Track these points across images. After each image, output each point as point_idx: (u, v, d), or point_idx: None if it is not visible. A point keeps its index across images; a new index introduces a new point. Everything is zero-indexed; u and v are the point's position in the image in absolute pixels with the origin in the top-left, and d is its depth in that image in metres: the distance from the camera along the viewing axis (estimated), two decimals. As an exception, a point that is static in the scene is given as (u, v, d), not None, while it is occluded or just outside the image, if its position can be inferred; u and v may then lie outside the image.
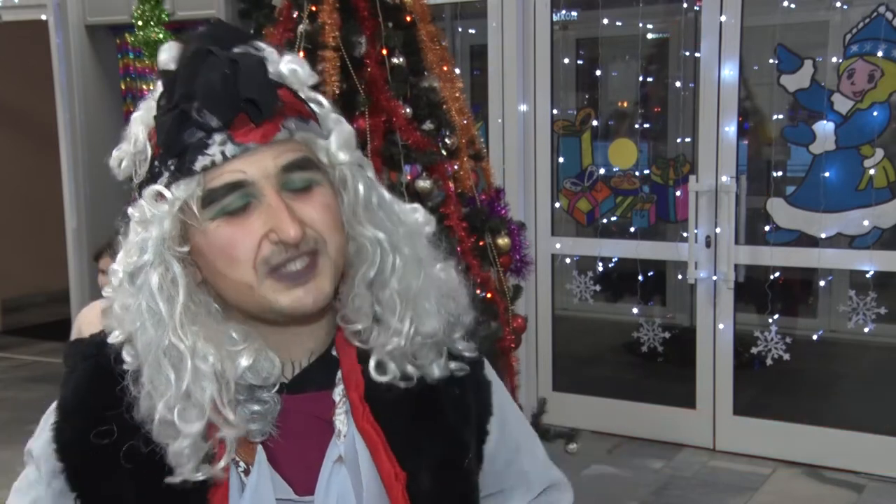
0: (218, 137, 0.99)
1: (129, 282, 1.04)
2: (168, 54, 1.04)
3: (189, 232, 1.03)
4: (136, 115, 1.08)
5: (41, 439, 1.12)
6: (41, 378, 5.99)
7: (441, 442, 1.14)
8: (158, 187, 1.01)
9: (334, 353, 1.12)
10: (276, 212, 1.00)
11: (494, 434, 1.21)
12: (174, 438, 1.02)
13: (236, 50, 1.02)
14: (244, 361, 1.04)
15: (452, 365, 1.14)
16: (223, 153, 0.99)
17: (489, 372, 1.24)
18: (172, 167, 1.01)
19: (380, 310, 1.09)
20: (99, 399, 1.06)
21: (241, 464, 1.07)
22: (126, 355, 1.05)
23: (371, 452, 1.08)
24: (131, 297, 1.05)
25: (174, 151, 1.00)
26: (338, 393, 1.11)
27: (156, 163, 1.03)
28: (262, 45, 1.06)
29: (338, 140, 1.08)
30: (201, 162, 0.99)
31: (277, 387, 1.07)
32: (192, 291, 1.05)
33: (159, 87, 1.04)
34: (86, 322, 3.23)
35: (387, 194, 1.14)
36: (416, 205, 1.17)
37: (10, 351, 6.88)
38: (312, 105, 1.09)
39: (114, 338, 1.07)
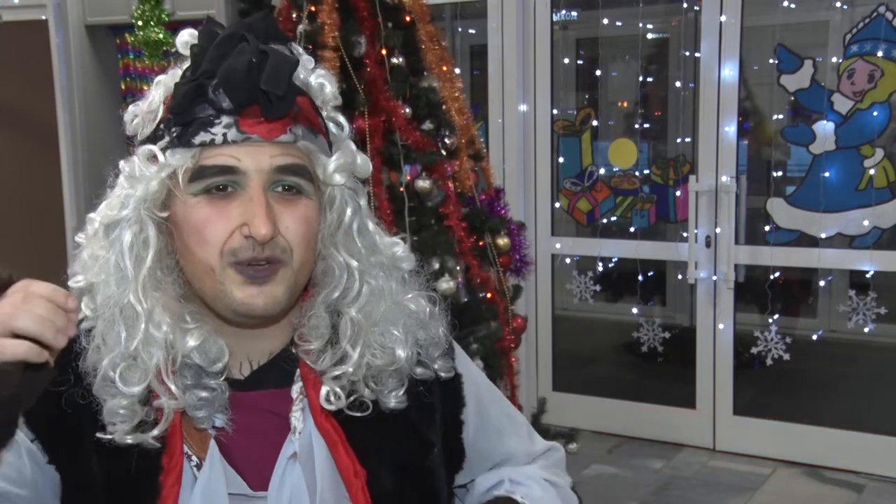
0: (225, 119, 1.01)
1: (104, 233, 1.07)
2: (190, 36, 1.07)
3: (171, 200, 1.05)
4: (160, 78, 1.09)
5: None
6: (41, 378, 5.98)
7: (402, 440, 1.14)
8: (154, 148, 1.03)
9: (294, 350, 1.13)
10: (254, 206, 1.01)
11: (471, 423, 1.21)
12: (112, 396, 1.02)
13: (272, 45, 1.03)
14: (192, 341, 1.04)
15: (419, 370, 1.14)
16: (225, 136, 1.01)
17: (460, 363, 1.23)
18: (174, 134, 1.03)
19: (335, 334, 1.10)
20: (45, 406, 1.05)
21: (194, 458, 1.07)
22: (84, 307, 1.07)
23: (330, 449, 1.09)
24: (102, 249, 1.07)
25: (181, 120, 1.02)
26: (295, 390, 1.12)
27: (161, 126, 1.05)
28: (299, 49, 1.08)
29: (338, 162, 1.09)
30: (202, 137, 1.02)
31: (224, 375, 1.07)
32: (162, 259, 1.06)
33: (188, 60, 1.06)
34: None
35: (371, 225, 1.14)
36: (399, 240, 1.17)
37: (10, 351, 6.87)
38: (331, 125, 1.11)
39: (75, 282, 1.09)
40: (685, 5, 4.84)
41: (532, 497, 1.21)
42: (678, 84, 5.01)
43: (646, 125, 5.06)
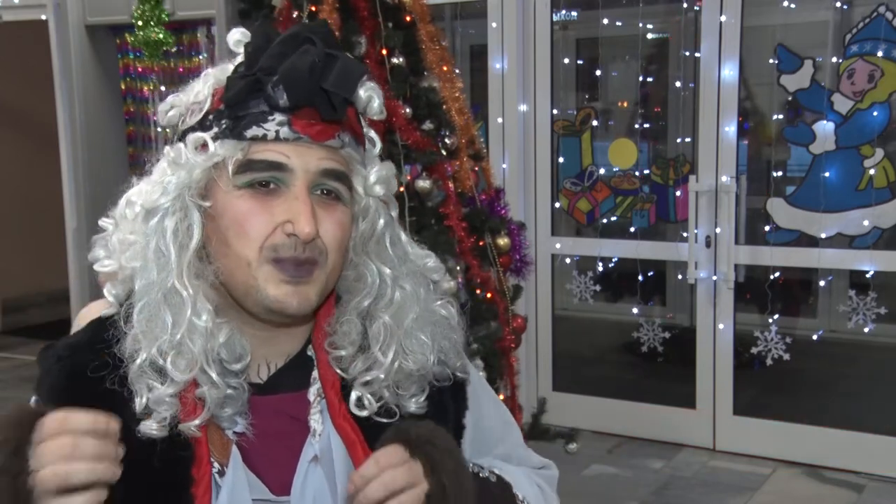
0: (279, 117, 1.02)
1: (144, 219, 1.06)
2: (241, 35, 1.07)
3: (212, 190, 1.05)
4: (209, 71, 1.10)
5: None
6: (41, 378, 5.98)
7: None
8: (205, 136, 1.03)
9: (310, 352, 1.13)
10: (300, 205, 1.02)
11: (470, 429, 1.21)
12: (157, 384, 1.01)
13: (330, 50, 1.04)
14: (221, 337, 1.04)
15: (437, 370, 1.14)
16: (277, 133, 1.02)
17: (471, 374, 1.24)
18: (224, 125, 1.03)
19: (366, 340, 1.10)
20: (74, 401, 1.02)
21: (216, 464, 1.07)
22: (108, 294, 1.07)
23: (348, 450, 1.08)
24: (137, 235, 1.06)
25: (234, 113, 1.03)
26: (312, 392, 1.11)
27: (210, 116, 1.05)
28: (368, 70, 1.10)
29: (378, 174, 1.11)
30: (254, 131, 1.02)
31: (245, 376, 1.07)
32: (201, 247, 1.06)
33: (240, 57, 1.06)
34: (86, 321, 3.23)
35: (403, 236, 1.16)
36: (430, 252, 1.19)
37: (10, 351, 6.88)
38: (366, 139, 1.12)
39: (101, 266, 1.08)
40: (685, 5, 4.84)
41: (518, 484, 1.20)
42: (678, 84, 5.01)
43: (646, 125, 5.06)
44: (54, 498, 0.89)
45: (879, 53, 4.16)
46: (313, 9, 3.05)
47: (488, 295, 3.21)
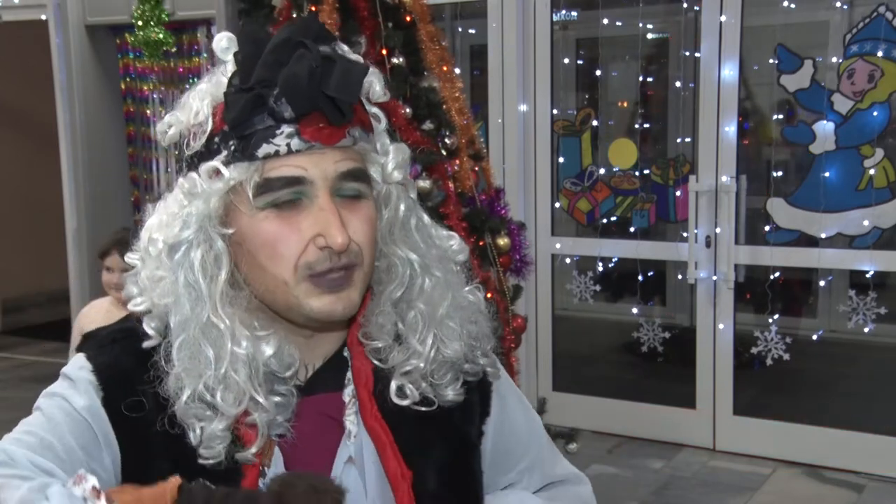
0: (286, 129, 0.99)
1: (168, 254, 1.03)
2: (228, 41, 1.04)
3: (233, 216, 1.03)
4: (201, 87, 1.06)
5: (85, 393, 1.05)
6: (41, 378, 5.98)
7: (447, 441, 1.13)
8: (216, 164, 1.01)
9: (345, 353, 1.12)
10: (327, 216, 1.00)
11: (490, 437, 1.19)
12: (207, 420, 1.00)
13: (324, 48, 1.01)
14: (268, 349, 1.03)
15: (467, 366, 1.13)
16: (289, 146, 0.99)
17: (502, 381, 1.22)
18: (233, 147, 1.00)
19: (403, 329, 1.09)
20: (136, 374, 1.04)
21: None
22: (147, 327, 1.05)
23: (378, 450, 1.08)
24: (166, 271, 1.04)
25: (240, 132, 1.00)
26: (347, 394, 1.11)
27: (216, 138, 1.02)
28: (344, 47, 1.06)
29: (395, 160, 1.09)
30: (265, 149, 0.99)
31: (294, 381, 1.07)
32: (231, 273, 1.04)
33: (230, 65, 1.03)
34: (86, 321, 3.24)
35: (426, 218, 1.14)
36: (453, 233, 1.17)
37: (10, 351, 6.88)
38: (371, 119, 1.09)
39: (135, 305, 1.06)
40: (685, 5, 4.85)
41: None
42: (678, 84, 5.01)
43: (646, 125, 5.06)
44: None
45: (879, 53, 4.16)
46: (313, 9, 3.05)
47: (488, 295, 3.21)
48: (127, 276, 1.09)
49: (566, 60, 5.23)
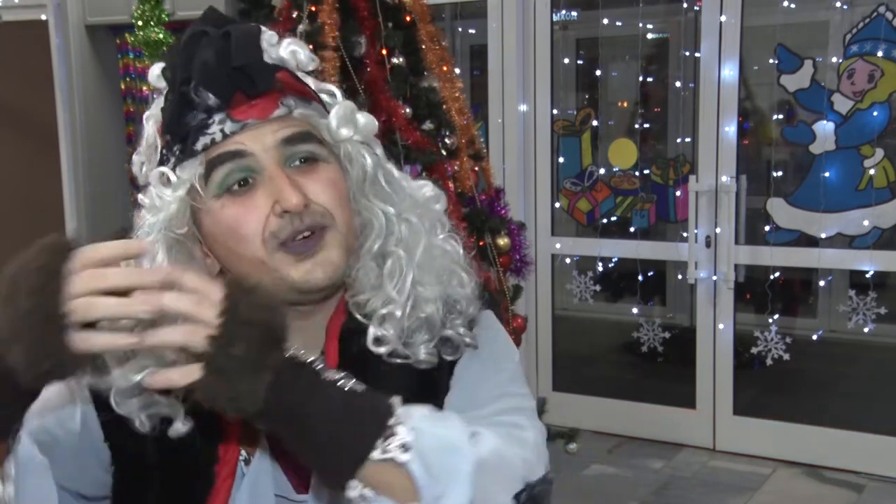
0: (217, 117, 1.01)
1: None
2: (159, 68, 1.07)
3: (198, 216, 1.04)
4: (148, 113, 1.09)
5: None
6: (41, 378, 5.98)
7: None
8: (164, 169, 1.03)
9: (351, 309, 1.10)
10: (277, 182, 1.01)
11: (452, 398, 1.09)
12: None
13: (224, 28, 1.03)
14: None
15: (448, 332, 1.09)
16: (222, 130, 1.01)
17: (481, 337, 1.13)
18: (177, 151, 1.02)
19: (382, 279, 1.08)
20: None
21: (243, 452, 1.07)
22: None
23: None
24: None
25: (178, 136, 1.02)
26: None
27: (164, 151, 1.05)
28: (261, 27, 1.07)
29: (338, 115, 1.08)
30: (202, 141, 1.01)
31: None
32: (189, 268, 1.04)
33: (166, 86, 1.06)
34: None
35: (395, 171, 1.13)
36: (426, 181, 1.16)
37: (10, 351, 6.87)
38: (324, 95, 1.10)
39: None
40: (685, 5, 4.84)
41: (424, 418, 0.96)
42: (678, 84, 5.01)
43: (646, 125, 5.06)
44: (79, 332, 0.87)
45: (879, 53, 4.15)
46: (313, 9, 3.05)
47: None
48: None
49: (566, 60, 5.23)
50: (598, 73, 5.17)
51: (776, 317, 4.55)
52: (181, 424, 1.02)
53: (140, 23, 5.66)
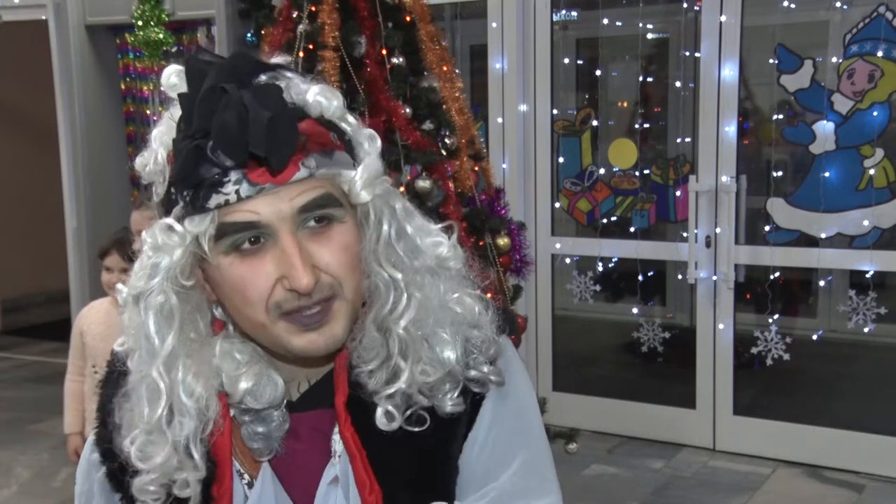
0: (234, 176, 0.96)
1: (133, 303, 1.03)
2: (177, 77, 1.00)
3: (204, 264, 1.02)
4: (156, 132, 1.04)
5: (90, 437, 1.14)
6: (41, 378, 5.99)
7: (423, 458, 1.08)
8: (170, 221, 0.99)
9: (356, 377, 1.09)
10: (289, 258, 0.97)
11: (473, 445, 1.10)
12: (141, 473, 1.03)
13: (255, 81, 0.98)
14: (244, 384, 1.03)
15: (472, 373, 1.08)
16: (237, 192, 0.96)
17: (508, 386, 1.13)
18: (187, 198, 0.98)
19: (389, 351, 1.06)
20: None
21: (246, 476, 1.07)
22: (131, 365, 1.06)
23: (350, 460, 1.05)
24: (137, 317, 1.04)
25: (189, 183, 0.97)
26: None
27: (172, 189, 1.00)
28: (288, 73, 1.01)
29: (363, 178, 1.02)
30: (215, 200, 0.97)
31: (284, 403, 1.06)
32: (196, 320, 1.04)
33: (177, 110, 1.00)
34: (86, 322, 3.25)
35: (409, 228, 1.08)
36: (443, 238, 1.10)
37: (10, 351, 6.88)
38: (343, 125, 1.04)
39: (119, 345, 1.08)
40: (685, 5, 4.84)
41: None
42: (678, 84, 5.01)
43: (646, 125, 5.06)
44: None
45: (879, 53, 4.16)
46: (313, 9, 3.05)
47: (488, 295, 3.20)
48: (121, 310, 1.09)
49: (566, 60, 5.23)
50: (598, 73, 5.17)
51: (776, 317, 4.55)
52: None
53: (140, 23, 5.66)
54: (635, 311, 4.92)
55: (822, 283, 4.95)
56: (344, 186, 1.02)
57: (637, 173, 4.86)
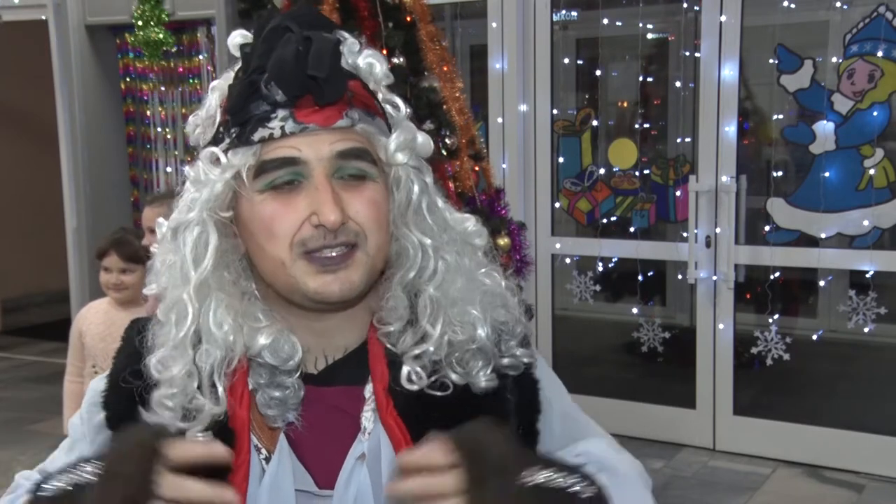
0: (281, 113, 1.02)
1: (172, 237, 1.07)
2: (242, 38, 1.07)
3: (238, 200, 1.06)
4: (215, 83, 1.10)
5: (88, 403, 1.15)
6: (41, 378, 5.99)
7: None
8: (216, 150, 1.04)
9: (367, 348, 1.11)
10: (321, 195, 1.01)
11: (546, 432, 1.19)
12: (161, 385, 1.05)
13: (308, 32, 1.03)
14: (262, 339, 1.05)
15: (505, 361, 1.11)
16: (283, 129, 1.01)
17: (539, 370, 1.20)
18: (234, 134, 1.03)
19: (414, 314, 1.09)
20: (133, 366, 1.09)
21: (264, 451, 1.08)
22: (159, 313, 1.08)
23: (394, 448, 1.06)
24: (171, 253, 1.07)
25: (239, 120, 1.03)
26: (368, 389, 1.10)
27: (220, 129, 1.05)
28: (346, 35, 1.08)
29: (398, 140, 1.08)
30: (260, 133, 1.02)
31: (299, 373, 1.07)
32: (228, 260, 1.07)
33: (240, 60, 1.06)
34: (84, 323, 3.24)
35: (440, 201, 1.13)
36: (470, 216, 1.16)
37: (10, 351, 6.88)
38: (388, 107, 1.11)
39: (149, 290, 1.10)
40: (685, 5, 4.85)
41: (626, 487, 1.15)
42: (678, 84, 5.02)
43: (646, 125, 5.06)
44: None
45: (879, 53, 4.16)
46: (313, 9, 3.05)
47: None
48: (149, 263, 1.13)
49: (566, 60, 5.23)
50: (598, 73, 5.18)
51: (776, 317, 4.55)
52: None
53: (140, 23, 5.66)
54: (635, 311, 4.92)
55: (822, 283, 4.95)
56: (380, 151, 1.07)
57: (637, 173, 4.86)
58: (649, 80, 5.21)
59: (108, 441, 1.05)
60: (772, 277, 4.52)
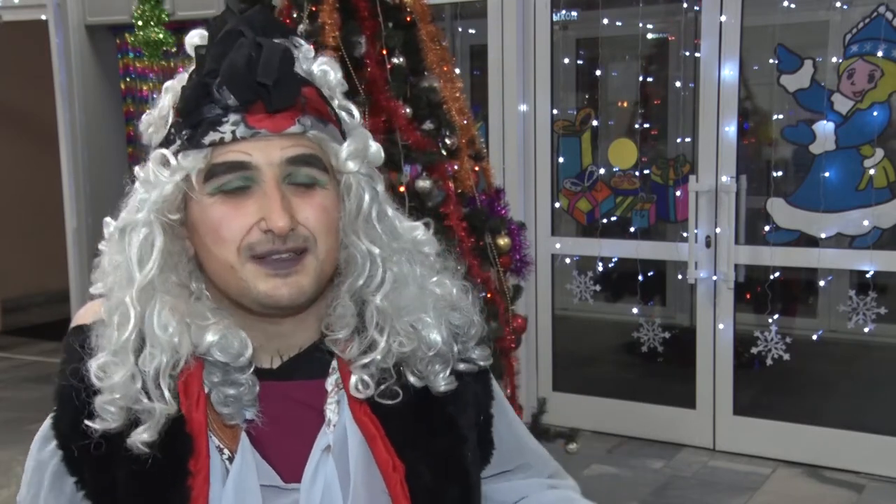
0: (233, 117, 1.02)
1: (119, 237, 1.07)
2: (200, 38, 1.07)
3: (188, 203, 1.06)
4: (168, 84, 1.10)
5: (43, 428, 1.13)
6: (41, 378, 5.98)
7: (440, 434, 1.13)
8: (166, 152, 1.04)
9: (324, 344, 1.12)
10: (269, 200, 1.01)
11: (497, 416, 1.22)
12: (102, 392, 1.03)
13: (262, 38, 1.03)
14: (210, 336, 1.04)
15: (462, 366, 1.14)
16: (234, 133, 1.02)
17: (493, 385, 1.26)
18: (185, 136, 1.03)
19: (361, 323, 1.10)
20: (83, 384, 1.06)
21: (226, 451, 1.07)
22: (104, 313, 1.07)
23: (368, 443, 1.08)
24: (118, 254, 1.07)
25: (190, 122, 1.03)
26: (330, 382, 1.11)
27: (172, 130, 1.05)
28: (300, 41, 1.08)
29: (350, 148, 1.08)
30: (211, 137, 1.02)
31: (252, 369, 1.07)
32: (177, 264, 1.07)
33: (194, 62, 1.07)
34: (83, 321, 3.24)
35: (390, 210, 1.14)
36: (419, 224, 1.17)
37: (10, 351, 6.88)
38: (342, 113, 1.11)
39: (95, 289, 1.10)
40: (685, 5, 4.84)
41: None
42: (678, 84, 5.01)
43: (646, 125, 5.06)
44: None
45: (879, 53, 4.16)
46: (314, 9, 3.05)
47: (488, 295, 3.21)
48: (95, 261, 1.12)
49: (566, 60, 5.23)
50: (598, 73, 5.17)
51: (776, 317, 4.55)
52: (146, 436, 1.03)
53: (140, 23, 5.66)
54: (635, 311, 4.92)
55: (822, 283, 4.95)
56: (332, 159, 1.08)
57: (637, 173, 4.86)
58: (649, 80, 5.21)
59: None
60: (772, 277, 4.52)
